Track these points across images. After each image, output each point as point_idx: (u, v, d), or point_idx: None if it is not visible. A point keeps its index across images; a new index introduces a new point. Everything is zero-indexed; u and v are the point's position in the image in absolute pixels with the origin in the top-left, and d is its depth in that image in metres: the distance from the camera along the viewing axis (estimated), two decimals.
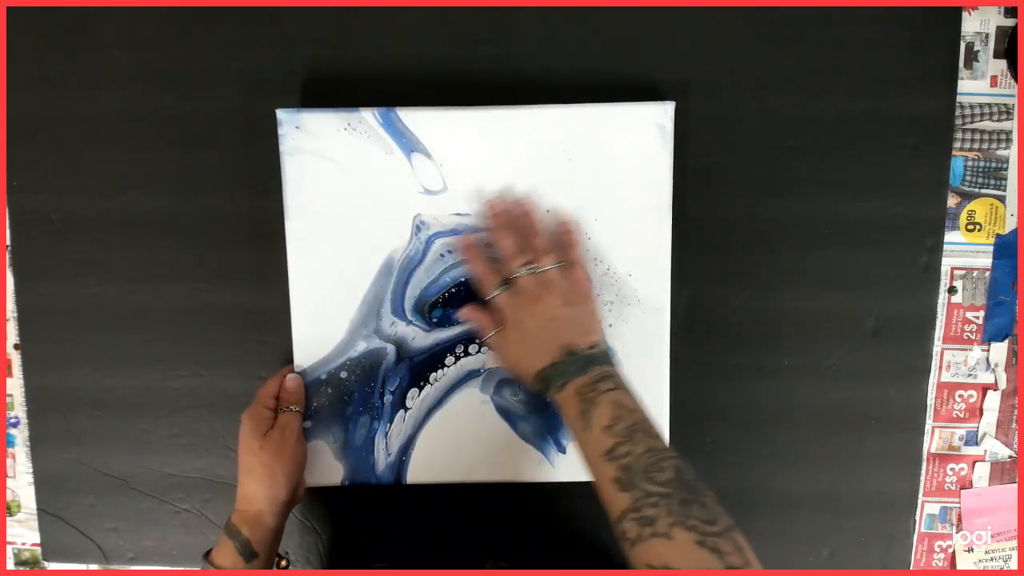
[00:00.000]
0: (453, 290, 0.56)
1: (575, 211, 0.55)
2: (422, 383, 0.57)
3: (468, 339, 0.57)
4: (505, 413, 0.57)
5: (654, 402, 0.56)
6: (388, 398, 0.57)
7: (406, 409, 0.57)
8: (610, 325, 0.56)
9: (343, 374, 0.57)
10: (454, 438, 0.57)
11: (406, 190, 0.55)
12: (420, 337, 0.56)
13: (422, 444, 0.57)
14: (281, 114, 0.53)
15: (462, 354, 0.57)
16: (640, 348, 0.57)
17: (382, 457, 0.57)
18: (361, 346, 0.56)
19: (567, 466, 0.58)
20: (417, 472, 0.57)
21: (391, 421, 0.57)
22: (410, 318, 0.56)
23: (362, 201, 0.55)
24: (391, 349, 0.56)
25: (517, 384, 0.57)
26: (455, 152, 0.54)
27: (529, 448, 0.58)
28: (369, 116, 0.54)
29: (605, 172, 0.55)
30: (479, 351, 0.57)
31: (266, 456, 0.51)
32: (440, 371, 0.57)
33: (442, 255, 0.56)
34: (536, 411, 0.57)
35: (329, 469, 0.57)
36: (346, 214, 0.55)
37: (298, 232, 0.55)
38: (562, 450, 0.58)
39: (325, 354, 0.56)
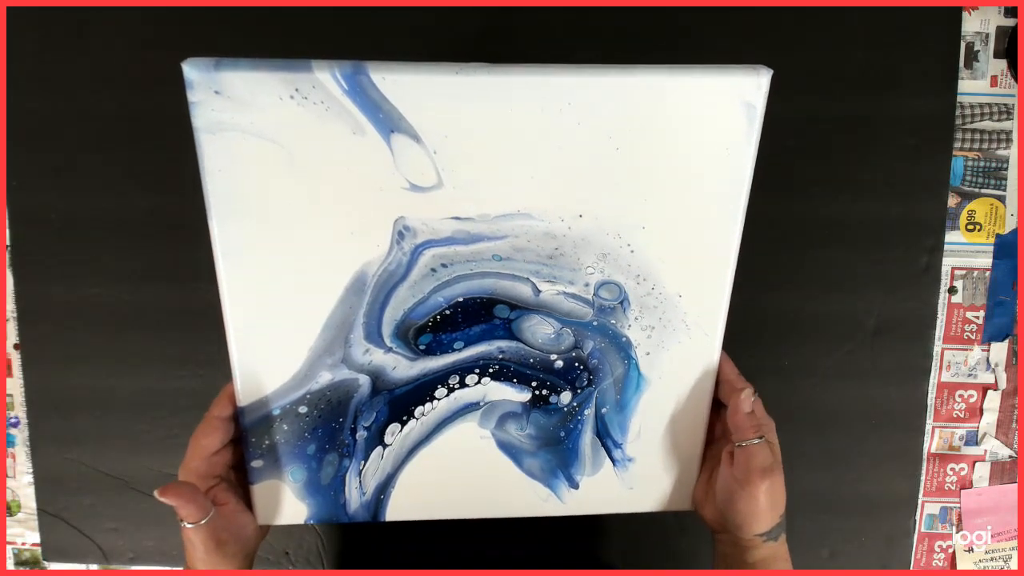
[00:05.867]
0: (448, 311, 0.44)
1: (618, 215, 0.42)
2: (405, 417, 0.46)
3: (465, 368, 0.46)
4: (509, 449, 0.48)
5: (688, 447, 0.49)
6: (362, 434, 0.46)
7: (385, 446, 0.47)
8: (647, 354, 0.46)
9: (302, 408, 0.45)
10: (443, 474, 0.48)
11: (384, 185, 0.40)
12: (403, 367, 0.45)
13: (404, 481, 0.48)
14: (190, 70, 0.37)
15: (457, 386, 0.46)
16: (680, 380, 0.47)
17: (355, 496, 0.48)
18: (325, 377, 0.44)
19: (578, 501, 0.49)
20: (398, 509, 0.48)
21: (365, 459, 0.47)
22: (389, 345, 0.44)
23: (322, 200, 0.40)
24: (365, 380, 0.45)
25: (528, 416, 0.48)
26: (454, 133, 0.39)
27: (535, 484, 0.49)
28: (328, 79, 0.37)
29: (662, 165, 0.41)
30: (479, 381, 0.46)
31: (195, 565, 0.44)
32: (428, 404, 0.46)
33: (433, 269, 0.43)
34: (548, 446, 0.48)
35: (290, 508, 0.47)
36: (299, 217, 0.40)
37: (231, 239, 0.41)
38: (574, 485, 0.49)
39: (277, 386, 0.44)
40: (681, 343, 0.46)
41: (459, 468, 0.48)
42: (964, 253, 0.60)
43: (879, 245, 0.59)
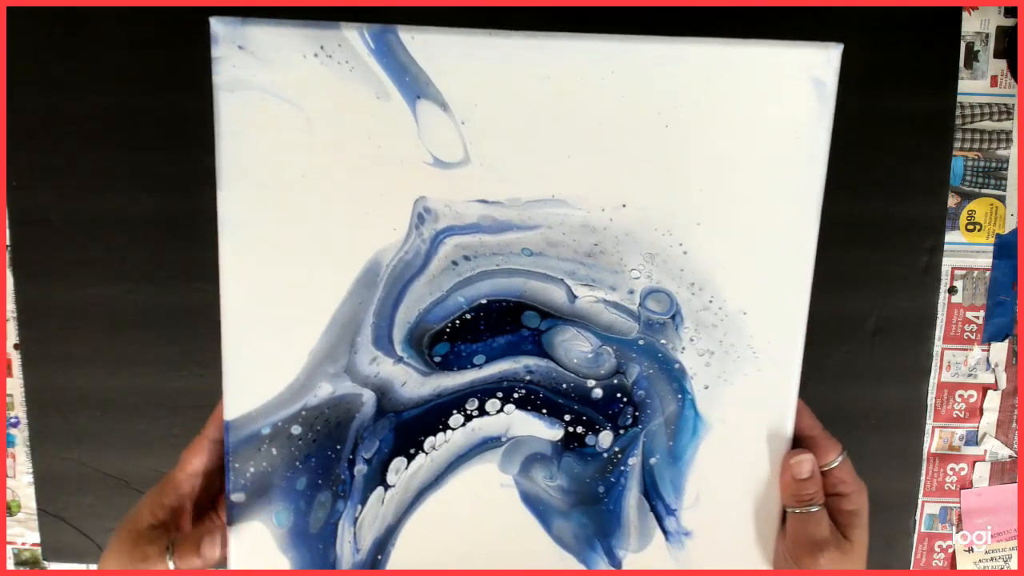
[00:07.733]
0: (468, 316, 0.38)
1: (668, 207, 0.37)
2: (413, 450, 0.39)
3: (486, 391, 0.39)
4: (535, 504, 0.40)
5: (763, 524, 0.40)
6: (361, 468, 0.39)
7: (387, 487, 0.39)
8: (706, 387, 0.39)
9: (295, 429, 0.39)
10: (456, 534, 0.40)
11: (406, 158, 0.36)
12: (413, 383, 0.39)
13: (407, 540, 0.40)
14: (217, 24, 0.35)
15: (476, 413, 0.39)
16: (748, 425, 0.39)
17: (347, 552, 0.40)
18: (324, 390, 0.38)
19: None
20: None
21: (363, 502, 0.39)
22: (400, 353, 0.38)
23: (338, 173, 0.36)
24: (369, 397, 0.39)
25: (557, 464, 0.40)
26: (485, 102, 0.35)
27: (568, 557, 0.40)
28: (355, 37, 0.35)
29: (720, 149, 0.36)
30: (501, 409, 0.39)
31: None
32: (441, 435, 0.39)
33: (455, 263, 0.37)
34: (583, 505, 0.40)
35: (270, 562, 0.40)
36: (311, 190, 0.36)
37: (235, 211, 0.36)
38: (616, 563, 0.40)
39: (270, 398, 0.38)
40: (748, 375, 0.39)
41: (474, 526, 0.40)
42: (964, 253, 0.60)
43: (879, 245, 0.59)
